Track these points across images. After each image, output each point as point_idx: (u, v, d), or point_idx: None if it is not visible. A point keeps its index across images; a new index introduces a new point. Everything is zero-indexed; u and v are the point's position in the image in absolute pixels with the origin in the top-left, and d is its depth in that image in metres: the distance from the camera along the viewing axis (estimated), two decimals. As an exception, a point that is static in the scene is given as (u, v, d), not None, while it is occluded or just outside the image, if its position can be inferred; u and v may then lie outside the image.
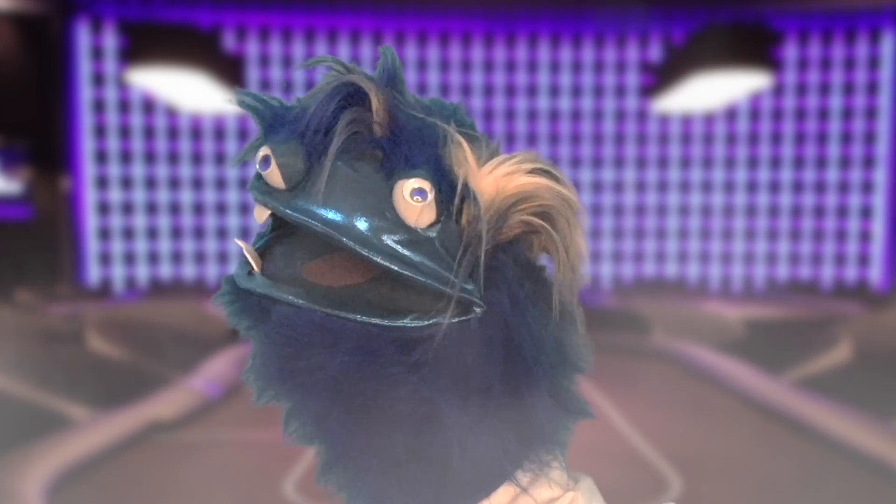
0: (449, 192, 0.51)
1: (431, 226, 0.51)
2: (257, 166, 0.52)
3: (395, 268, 0.49)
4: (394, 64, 0.55)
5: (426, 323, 0.50)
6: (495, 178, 0.53)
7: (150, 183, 8.84)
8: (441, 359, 0.50)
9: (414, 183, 0.50)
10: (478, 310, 0.51)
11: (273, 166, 0.50)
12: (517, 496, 0.54)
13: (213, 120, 8.75)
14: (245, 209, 8.98)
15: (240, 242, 0.54)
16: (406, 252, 0.50)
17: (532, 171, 0.53)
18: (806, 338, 6.43)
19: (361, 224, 0.50)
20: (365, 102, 0.52)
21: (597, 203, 9.07)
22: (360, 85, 0.53)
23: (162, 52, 6.46)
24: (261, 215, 0.54)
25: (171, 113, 8.66)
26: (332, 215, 0.50)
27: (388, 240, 0.50)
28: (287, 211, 0.50)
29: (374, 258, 0.49)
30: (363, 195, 0.50)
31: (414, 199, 0.50)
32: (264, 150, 0.51)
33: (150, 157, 8.80)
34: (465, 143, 0.52)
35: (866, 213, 9.02)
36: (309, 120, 0.51)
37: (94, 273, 8.79)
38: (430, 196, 0.50)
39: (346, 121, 0.51)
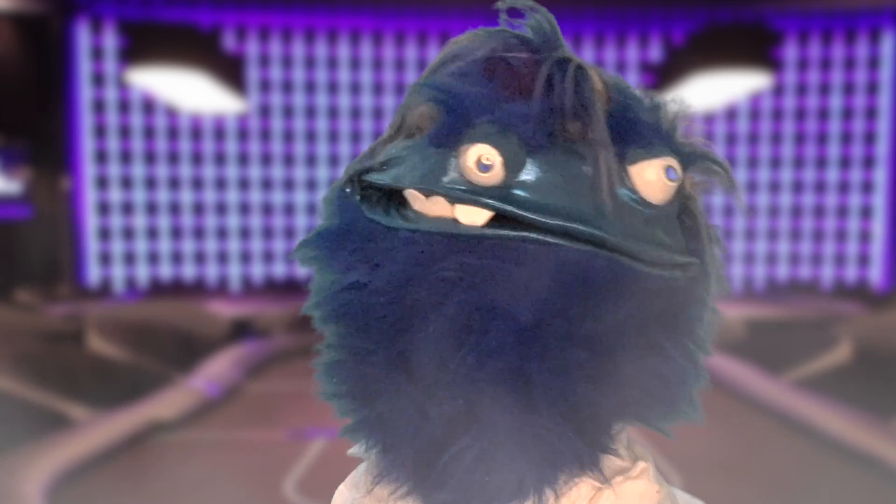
0: (681, 160, 0.50)
1: (671, 201, 0.50)
2: (472, 164, 0.46)
3: (655, 253, 0.48)
4: (556, 28, 0.51)
5: (672, 274, 0.49)
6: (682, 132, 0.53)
7: (150, 183, 8.84)
8: (677, 308, 0.50)
9: (664, 163, 0.48)
10: (694, 268, 0.50)
11: (498, 167, 0.46)
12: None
13: (213, 120, 8.75)
14: (245, 209, 8.99)
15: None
16: (659, 236, 0.48)
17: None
18: (806, 338, 6.42)
19: (618, 216, 0.47)
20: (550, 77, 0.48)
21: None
22: (574, 60, 0.49)
23: (162, 52, 6.46)
24: (476, 218, 0.47)
25: (171, 113, 8.66)
26: (585, 211, 0.46)
27: (644, 226, 0.48)
28: (536, 216, 0.46)
29: (638, 250, 0.47)
30: (609, 183, 0.47)
31: (668, 179, 0.48)
32: (482, 150, 0.47)
33: (150, 157, 8.80)
34: (677, 108, 0.51)
35: (866, 213, 9.02)
36: (524, 107, 0.47)
37: (94, 273, 8.79)
38: (681, 172, 0.49)
39: (597, 104, 0.47)
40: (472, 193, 0.47)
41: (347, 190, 0.54)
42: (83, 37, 8.49)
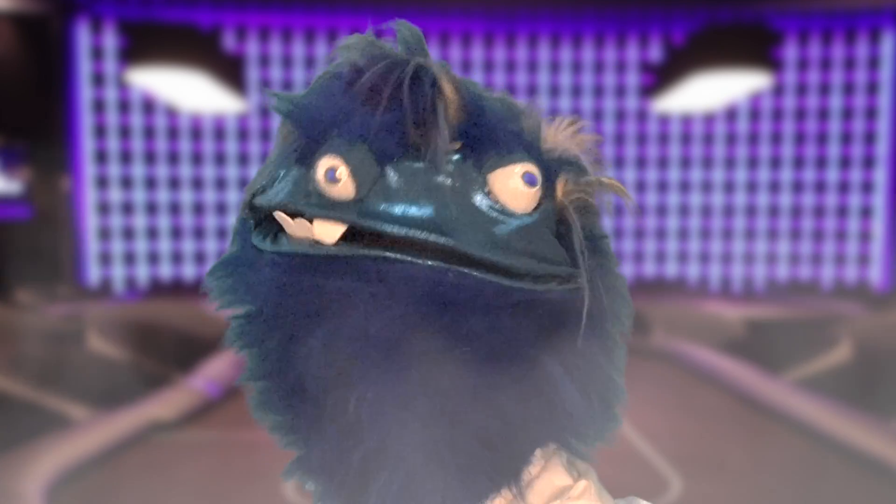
0: (545, 167, 0.49)
1: (536, 208, 0.49)
2: (321, 177, 0.46)
3: (520, 267, 0.46)
4: (420, 38, 0.51)
5: (544, 287, 0.47)
6: (562, 140, 0.51)
7: (150, 183, 8.84)
8: (553, 323, 0.48)
9: (520, 169, 0.47)
10: (580, 280, 0.49)
11: (347, 177, 0.46)
12: (539, 474, 0.51)
13: (213, 120, 8.75)
14: (245, 209, 8.98)
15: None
16: (523, 245, 0.47)
17: (571, 124, 0.53)
18: (806, 338, 6.42)
19: (473, 227, 0.46)
20: (414, 85, 0.47)
21: (596, 203, 9.07)
22: (428, 67, 0.47)
23: (162, 52, 6.47)
24: (331, 234, 0.46)
25: (171, 113, 8.66)
26: (441, 221, 0.45)
27: (505, 237, 0.46)
28: (393, 229, 0.45)
29: (499, 260, 0.46)
30: (463, 193, 0.47)
31: (526, 186, 0.47)
32: (330, 161, 0.46)
33: (150, 157, 8.80)
34: (539, 114, 0.50)
35: (866, 213, 9.02)
36: (373, 118, 0.47)
37: (94, 273, 8.79)
38: (540, 178, 0.48)
39: (442, 112, 0.46)
40: (322, 207, 0.46)
41: (245, 216, 0.54)
42: (83, 37, 8.49)
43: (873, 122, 8.90)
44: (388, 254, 0.45)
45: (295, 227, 0.47)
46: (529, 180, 0.48)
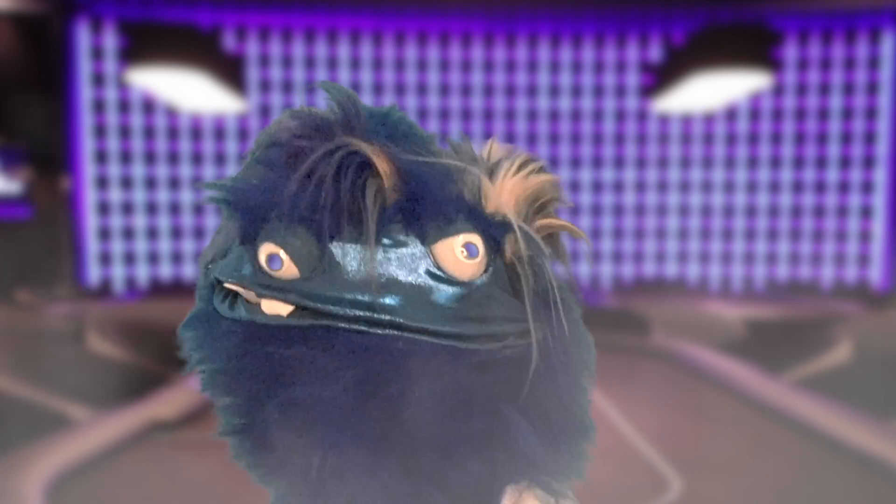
0: (488, 232, 0.49)
1: (485, 271, 0.49)
2: (263, 263, 0.47)
3: (472, 332, 0.47)
4: (356, 103, 0.52)
5: (500, 345, 0.48)
6: (508, 192, 0.51)
7: (150, 183, 8.84)
8: (509, 378, 0.49)
9: (461, 240, 0.48)
10: (539, 334, 0.50)
11: (287, 263, 0.47)
12: None
13: (213, 120, 8.75)
14: (245, 209, 8.99)
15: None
16: (474, 310, 0.48)
17: (522, 167, 0.52)
18: (806, 338, 6.43)
19: (420, 300, 0.47)
20: (350, 156, 0.48)
21: (597, 203, 9.07)
22: (359, 150, 0.47)
23: (162, 52, 6.46)
24: (280, 310, 0.48)
25: (171, 113, 8.66)
26: (386, 299, 0.46)
27: (454, 306, 0.47)
28: (338, 309, 0.46)
29: (447, 330, 0.47)
30: (406, 267, 0.47)
31: (466, 256, 0.48)
32: (270, 248, 0.47)
33: (150, 157, 8.80)
34: (482, 175, 0.50)
35: (866, 213, 9.02)
36: (311, 199, 0.47)
37: (94, 273, 8.79)
38: (481, 247, 0.49)
39: (372, 195, 0.47)
40: (269, 289, 0.48)
41: (206, 274, 0.55)
42: (83, 37, 8.49)
43: (873, 122, 8.90)
44: (339, 324, 0.47)
45: (249, 295, 0.49)
46: (471, 251, 0.48)
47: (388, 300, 0.46)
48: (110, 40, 8.50)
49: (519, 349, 0.49)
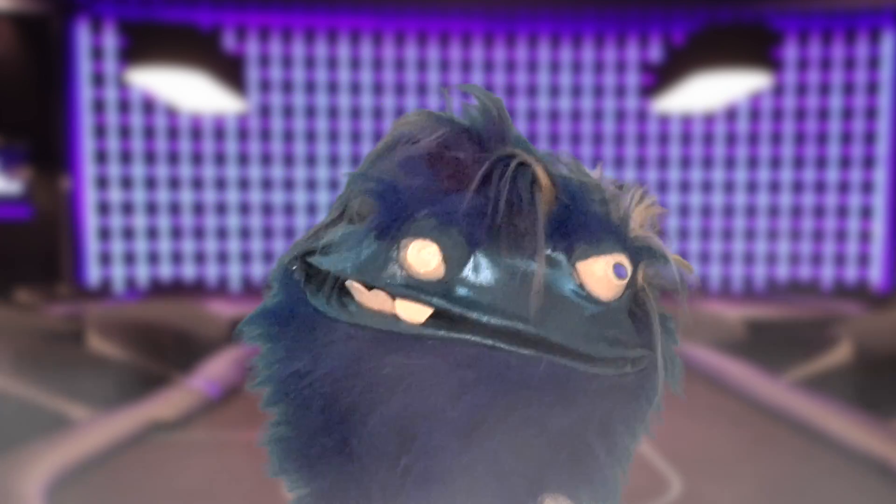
0: (632, 255, 0.49)
1: (622, 295, 0.49)
2: (412, 258, 0.46)
3: (598, 351, 0.47)
4: (504, 111, 0.50)
5: (618, 372, 0.48)
6: (637, 219, 0.51)
7: (150, 183, 8.84)
8: (623, 407, 0.49)
9: (612, 260, 0.48)
10: (645, 360, 0.50)
11: (439, 261, 0.46)
12: None
13: (213, 120, 8.75)
14: (245, 209, 8.99)
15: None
16: (608, 331, 0.47)
17: (644, 195, 0.52)
18: (806, 338, 6.42)
19: (562, 316, 0.46)
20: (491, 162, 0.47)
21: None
22: (529, 164, 0.47)
23: (162, 52, 6.46)
24: (417, 315, 0.46)
25: (171, 113, 8.66)
26: (530, 311, 0.45)
27: (591, 326, 0.47)
28: (479, 316, 0.45)
29: (588, 351, 0.46)
30: (552, 282, 0.46)
31: (616, 278, 0.48)
32: (421, 244, 0.46)
33: (150, 157, 8.80)
34: (630, 199, 0.50)
35: (866, 213, 9.02)
36: (470, 204, 0.46)
37: (94, 273, 8.79)
38: (630, 269, 0.49)
39: (542, 206, 0.46)
40: (412, 289, 0.46)
41: (293, 268, 0.52)
42: (83, 37, 8.49)
43: (873, 122, 8.90)
44: (481, 339, 0.45)
45: (370, 298, 0.47)
46: (619, 273, 0.48)
47: (532, 314, 0.45)
48: (110, 40, 8.50)
49: (631, 377, 0.49)
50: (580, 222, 0.48)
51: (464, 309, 0.45)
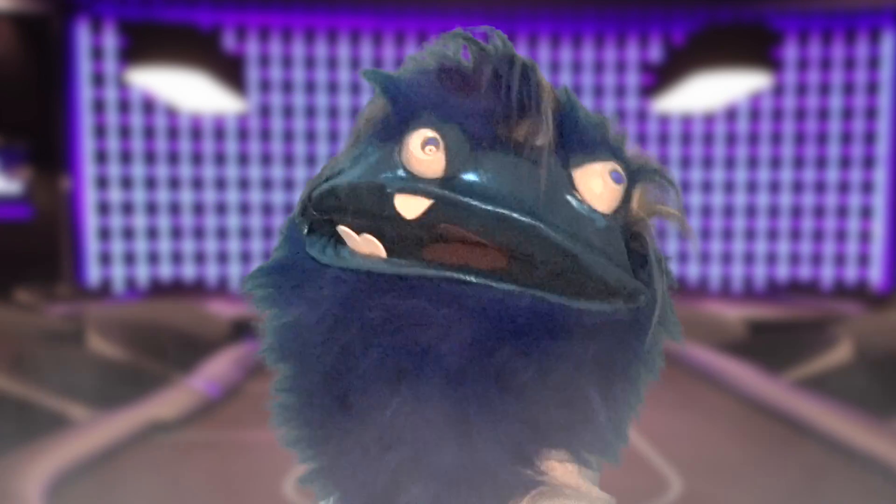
0: (628, 172, 0.49)
1: (616, 211, 0.48)
2: (415, 148, 0.46)
3: (601, 260, 0.46)
4: (508, 42, 0.50)
5: (612, 307, 0.47)
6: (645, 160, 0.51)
7: (150, 183, 8.84)
8: (613, 347, 0.48)
9: (608, 166, 0.47)
10: (643, 298, 0.48)
11: (441, 152, 0.46)
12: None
13: (213, 120, 8.75)
14: (245, 209, 8.99)
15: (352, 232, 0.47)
16: (602, 242, 0.47)
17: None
18: (806, 338, 6.42)
19: (561, 216, 0.46)
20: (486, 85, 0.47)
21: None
22: (524, 62, 0.48)
23: (162, 52, 6.46)
24: (415, 209, 0.46)
25: (171, 113, 8.66)
26: (529, 204, 0.45)
27: (588, 230, 0.46)
28: (476, 203, 0.45)
29: (579, 252, 0.45)
30: (551, 184, 0.46)
31: (612, 183, 0.47)
32: (427, 133, 0.46)
33: (150, 157, 8.80)
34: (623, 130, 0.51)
35: (866, 213, 9.02)
36: (471, 103, 0.47)
37: (94, 273, 8.79)
38: (626, 178, 0.48)
39: (547, 105, 0.47)
40: (411, 182, 0.46)
41: (297, 221, 0.53)
42: (83, 37, 8.49)
43: (873, 122, 8.90)
44: (464, 276, 0.45)
45: (360, 243, 0.47)
46: (616, 178, 0.48)
47: (531, 207, 0.45)
48: (110, 40, 8.50)
49: (627, 315, 0.48)
50: (578, 131, 0.48)
51: (460, 198, 0.45)
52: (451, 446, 0.46)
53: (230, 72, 7.58)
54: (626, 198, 0.49)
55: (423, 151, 0.46)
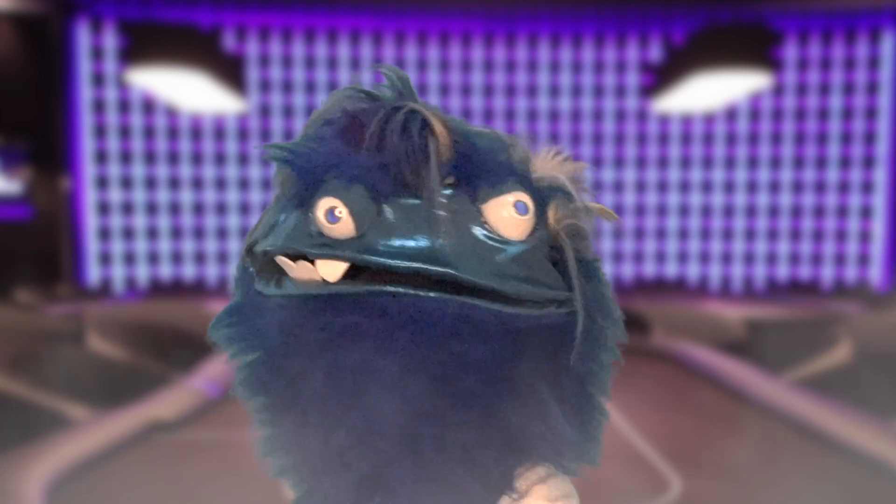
0: (536, 196, 0.51)
1: (531, 235, 0.50)
2: (321, 218, 0.48)
3: (518, 290, 0.48)
4: (407, 82, 0.53)
5: (541, 312, 0.49)
6: (550, 170, 0.53)
7: (150, 183, 8.84)
8: (550, 347, 0.50)
9: (512, 198, 0.49)
10: (575, 303, 0.50)
11: (345, 217, 0.48)
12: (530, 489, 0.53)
13: (213, 120, 8.75)
14: (245, 209, 8.99)
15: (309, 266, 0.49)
16: (518, 268, 0.48)
17: (557, 153, 0.55)
18: (806, 338, 6.42)
19: (471, 254, 0.47)
20: (401, 128, 0.49)
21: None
22: (419, 111, 0.49)
23: (162, 52, 6.46)
24: (334, 272, 0.48)
25: (171, 113, 8.66)
26: (439, 252, 0.47)
27: (502, 263, 0.48)
28: (395, 262, 0.46)
29: (498, 287, 0.47)
30: (460, 224, 0.48)
31: (518, 214, 0.49)
32: (328, 202, 0.48)
33: (150, 157, 8.80)
34: (526, 146, 0.53)
35: (866, 213, 9.02)
36: (367, 159, 0.49)
37: (94, 273, 8.79)
38: (532, 206, 0.50)
39: (434, 148, 0.48)
40: (325, 247, 0.48)
41: (246, 264, 0.55)
42: (83, 37, 8.49)
43: (873, 122, 8.90)
44: (390, 288, 0.47)
45: (298, 270, 0.49)
46: (520, 209, 0.50)
47: (442, 255, 0.47)
48: (110, 40, 8.50)
49: (559, 318, 0.50)
50: (481, 167, 0.50)
51: (375, 258, 0.47)
52: (406, 461, 0.48)
53: (230, 72, 7.58)
54: (543, 215, 0.51)
55: (330, 219, 0.48)
